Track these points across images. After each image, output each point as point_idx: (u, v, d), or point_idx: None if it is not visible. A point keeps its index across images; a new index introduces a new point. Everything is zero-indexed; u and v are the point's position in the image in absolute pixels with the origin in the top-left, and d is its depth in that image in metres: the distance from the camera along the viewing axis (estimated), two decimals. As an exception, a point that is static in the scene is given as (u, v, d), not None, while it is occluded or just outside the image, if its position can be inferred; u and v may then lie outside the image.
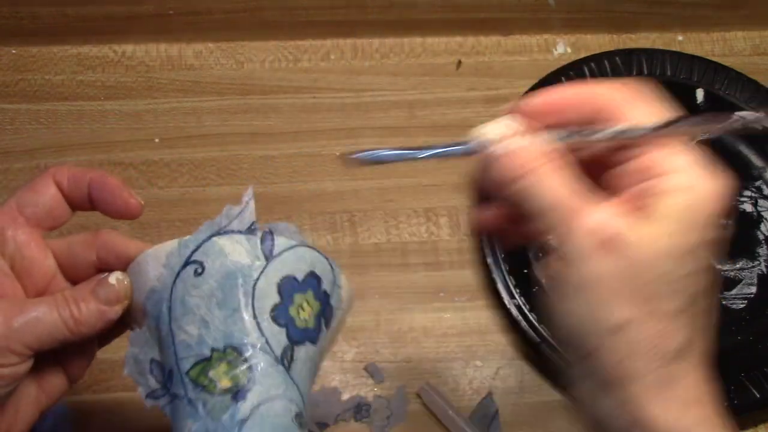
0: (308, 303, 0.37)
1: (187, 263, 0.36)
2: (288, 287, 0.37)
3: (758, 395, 0.54)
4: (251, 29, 0.65)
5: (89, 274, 0.38)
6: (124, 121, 0.62)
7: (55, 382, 0.39)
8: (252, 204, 0.37)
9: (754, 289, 0.59)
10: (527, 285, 0.57)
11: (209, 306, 0.35)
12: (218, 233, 0.36)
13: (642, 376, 0.30)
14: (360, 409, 0.54)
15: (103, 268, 0.38)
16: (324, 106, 0.64)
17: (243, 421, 0.34)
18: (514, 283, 0.56)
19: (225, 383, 0.35)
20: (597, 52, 0.66)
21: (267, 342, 0.35)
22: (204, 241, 0.36)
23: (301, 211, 0.60)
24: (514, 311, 0.56)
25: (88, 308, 0.36)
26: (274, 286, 0.36)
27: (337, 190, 0.61)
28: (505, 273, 0.56)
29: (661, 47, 0.68)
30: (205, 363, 0.35)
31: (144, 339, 0.37)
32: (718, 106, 0.64)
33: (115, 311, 0.36)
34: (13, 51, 0.64)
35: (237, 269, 0.36)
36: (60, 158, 0.60)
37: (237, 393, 0.34)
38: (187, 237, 0.36)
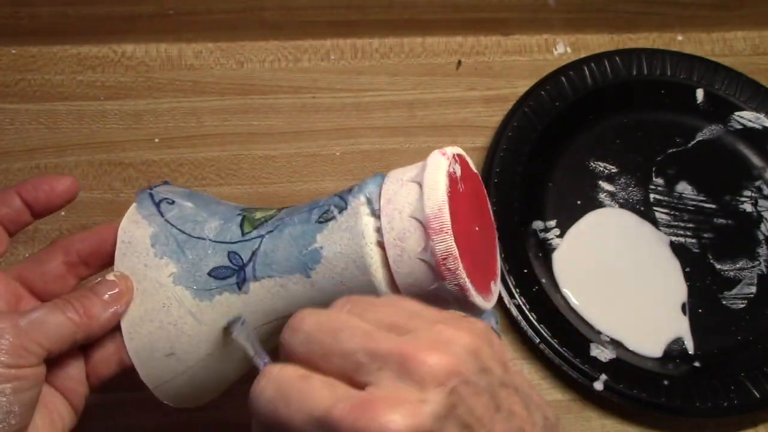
0: None
1: (158, 204, 0.40)
2: None
3: (758, 395, 0.54)
4: (251, 29, 0.65)
5: (62, 285, 0.39)
6: (124, 121, 0.62)
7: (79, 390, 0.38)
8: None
9: (754, 289, 0.59)
10: (527, 285, 0.57)
11: (202, 209, 0.40)
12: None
13: None
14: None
15: (80, 271, 0.39)
16: (324, 106, 0.64)
17: None
18: (514, 283, 0.56)
19: None
20: (597, 52, 0.66)
21: None
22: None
23: (301, 211, 0.60)
24: (514, 311, 0.56)
25: (91, 303, 0.36)
26: None
27: (337, 190, 0.60)
28: (505, 273, 0.56)
29: (661, 47, 0.68)
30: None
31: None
32: (718, 106, 0.64)
33: (123, 303, 0.37)
34: (13, 51, 0.64)
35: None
36: (60, 158, 0.60)
37: None
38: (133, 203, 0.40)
